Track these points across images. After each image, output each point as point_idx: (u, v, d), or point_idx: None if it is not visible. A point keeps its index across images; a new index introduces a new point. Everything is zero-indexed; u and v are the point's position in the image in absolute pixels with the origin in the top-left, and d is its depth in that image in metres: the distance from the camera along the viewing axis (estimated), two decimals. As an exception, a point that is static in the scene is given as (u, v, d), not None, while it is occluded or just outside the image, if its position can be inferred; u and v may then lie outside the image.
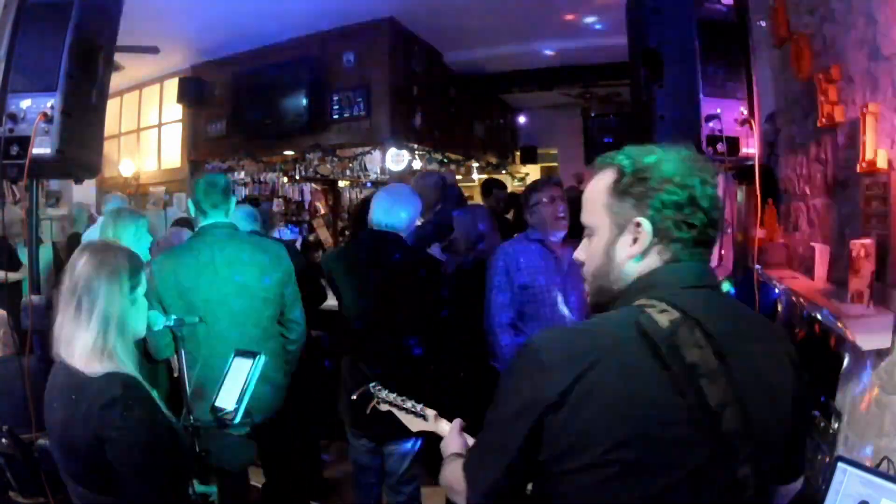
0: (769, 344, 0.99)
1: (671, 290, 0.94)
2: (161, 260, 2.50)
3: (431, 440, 1.46)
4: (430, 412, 1.49)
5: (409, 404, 1.53)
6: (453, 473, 1.10)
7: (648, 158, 0.98)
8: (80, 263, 1.49)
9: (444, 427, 1.44)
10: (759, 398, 0.91)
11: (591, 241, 1.05)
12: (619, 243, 1.00)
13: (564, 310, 2.69)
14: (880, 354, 1.61)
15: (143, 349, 2.24)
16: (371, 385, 1.62)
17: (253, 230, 3.28)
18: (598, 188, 1.02)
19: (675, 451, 0.87)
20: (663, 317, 0.90)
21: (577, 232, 1.17)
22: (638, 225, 0.97)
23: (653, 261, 0.98)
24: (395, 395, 1.57)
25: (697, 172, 0.97)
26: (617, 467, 0.85)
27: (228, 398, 1.73)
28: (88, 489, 1.45)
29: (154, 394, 1.56)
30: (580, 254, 1.08)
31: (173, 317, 1.94)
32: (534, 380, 0.90)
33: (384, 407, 1.57)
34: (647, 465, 0.86)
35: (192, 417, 1.77)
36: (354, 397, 1.65)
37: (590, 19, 5.49)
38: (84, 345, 1.43)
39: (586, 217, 1.05)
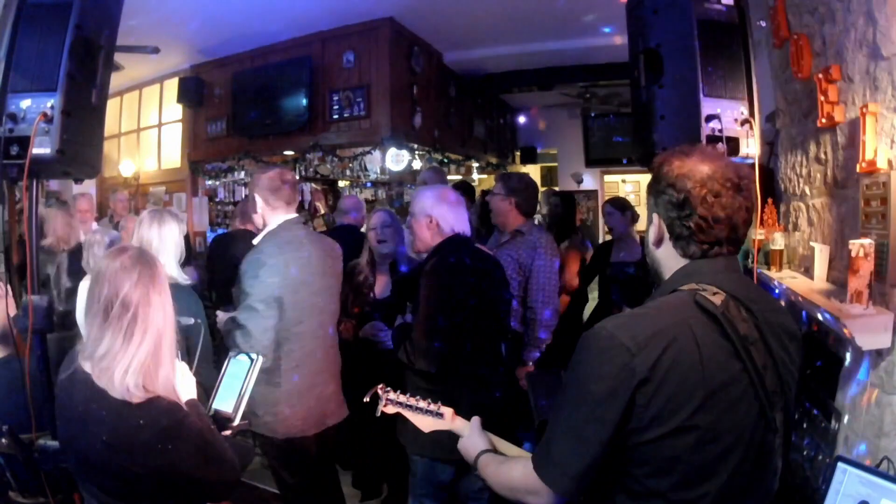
0: (782, 316, 1.17)
1: (712, 277, 1.10)
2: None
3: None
4: (447, 410, 1.46)
5: (422, 403, 1.49)
6: (511, 473, 1.18)
7: (674, 161, 1.12)
8: (128, 279, 1.39)
9: (461, 426, 1.43)
10: (783, 360, 1.11)
11: None
12: (650, 233, 1.20)
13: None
14: (880, 354, 1.61)
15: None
16: (379, 386, 1.56)
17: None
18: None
19: (737, 410, 1.04)
20: (715, 297, 1.06)
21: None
22: (655, 220, 1.16)
23: (669, 252, 1.15)
24: (406, 395, 1.52)
25: (703, 177, 1.08)
26: (697, 430, 1.00)
27: (226, 400, 1.72)
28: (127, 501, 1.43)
29: None
30: None
31: None
32: (621, 360, 1.01)
33: (391, 409, 1.52)
34: (720, 425, 1.02)
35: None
36: (367, 399, 1.60)
37: (590, 19, 5.48)
38: (131, 369, 1.36)
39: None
